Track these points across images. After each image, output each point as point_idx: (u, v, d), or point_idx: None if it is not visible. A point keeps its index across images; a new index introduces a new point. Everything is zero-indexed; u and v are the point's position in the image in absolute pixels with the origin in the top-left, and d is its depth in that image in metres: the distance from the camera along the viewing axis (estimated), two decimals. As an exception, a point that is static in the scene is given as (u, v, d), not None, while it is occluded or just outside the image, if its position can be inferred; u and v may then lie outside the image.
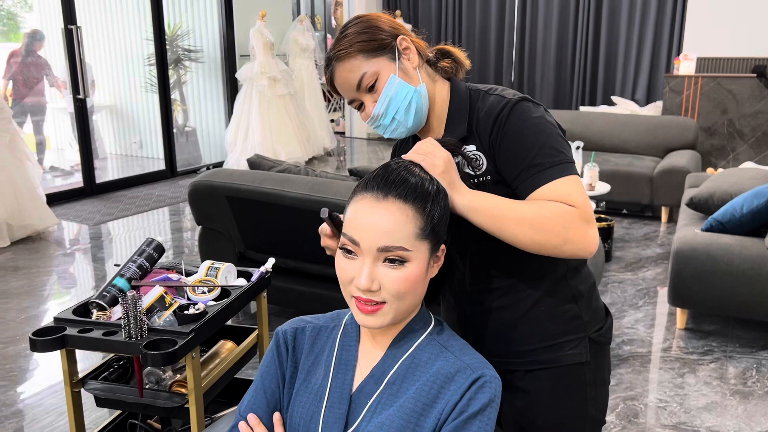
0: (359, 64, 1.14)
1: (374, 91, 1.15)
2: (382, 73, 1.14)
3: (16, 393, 2.65)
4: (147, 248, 1.83)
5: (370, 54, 1.14)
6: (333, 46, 1.17)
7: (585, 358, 1.19)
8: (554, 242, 1.05)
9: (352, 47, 1.14)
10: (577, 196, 1.06)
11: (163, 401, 1.66)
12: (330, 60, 1.17)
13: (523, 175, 1.09)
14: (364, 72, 1.14)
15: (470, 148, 1.15)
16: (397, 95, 1.14)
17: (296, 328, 1.10)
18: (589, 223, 1.06)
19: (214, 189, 2.93)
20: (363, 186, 0.99)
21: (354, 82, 1.15)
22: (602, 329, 1.23)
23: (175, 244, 4.57)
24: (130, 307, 1.53)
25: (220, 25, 7.05)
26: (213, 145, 7.49)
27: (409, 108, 1.15)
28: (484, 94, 1.17)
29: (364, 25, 1.16)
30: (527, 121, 1.10)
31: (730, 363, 2.85)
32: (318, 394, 1.04)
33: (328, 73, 1.18)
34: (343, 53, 1.14)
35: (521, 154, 1.09)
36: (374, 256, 0.94)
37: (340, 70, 1.15)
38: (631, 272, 3.94)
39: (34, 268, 4.06)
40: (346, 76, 1.15)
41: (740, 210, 2.95)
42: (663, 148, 5.39)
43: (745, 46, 6.13)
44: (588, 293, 1.22)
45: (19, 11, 7.97)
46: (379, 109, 1.15)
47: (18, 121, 6.48)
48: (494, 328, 1.21)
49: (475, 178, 1.14)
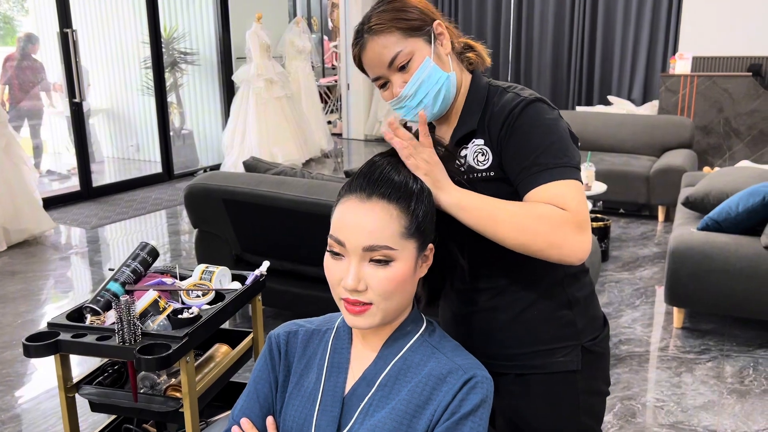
0: (395, 41, 1.11)
1: (405, 71, 1.13)
2: (417, 54, 1.12)
3: (13, 398, 2.64)
4: (141, 252, 1.83)
5: (408, 33, 1.12)
6: (367, 20, 1.14)
7: (577, 366, 1.17)
8: (539, 245, 1.03)
9: (390, 23, 1.11)
10: (572, 200, 1.04)
11: (157, 406, 1.65)
12: (361, 33, 1.14)
13: (524, 173, 1.07)
14: (399, 50, 1.11)
15: (478, 143, 1.14)
16: (430, 79, 1.13)
17: (288, 332, 1.10)
18: (581, 229, 1.03)
19: (210, 192, 2.92)
20: (348, 187, 0.99)
21: (387, 59, 1.12)
22: (597, 338, 1.20)
23: (172, 247, 4.56)
24: (124, 311, 1.53)
25: (217, 27, 7.05)
26: (210, 147, 7.49)
27: (439, 94, 1.14)
28: (501, 90, 1.16)
29: (402, 3, 1.13)
30: (538, 121, 1.09)
31: (727, 362, 2.85)
32: (311, 397, 1.04)
33: (357, 48, 1.15)
34: (380, 28, 1.11)
35: (526, 152, 1.07)
36: (360, 256, 0.95)
37: (373, 44, 1.12)
38: (628, 272, 3.94)
39: (30, 273, 4.05)
40: (379, 51, 1.12)
41: (736, 209, 2.96)
42: (659, 147, 5.39)
43: (741, 45, 6.14)
44: (585, 301, 1.20)
45: (15, 15, 7.97)
46: (409, 90, 1.13)
47: (15, 125, 6.48)
48: (487, 329, 1.20)
49: (477, 173, 1.13)
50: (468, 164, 1.14)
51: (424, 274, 1.03)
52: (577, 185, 1.06)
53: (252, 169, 3.14)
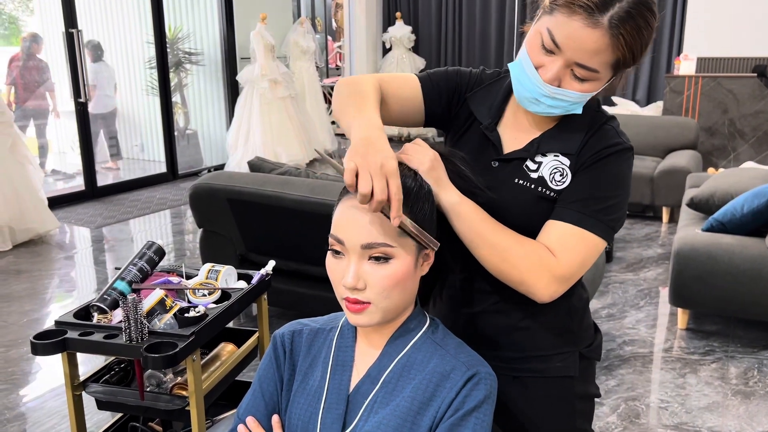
0: (607, 55, 0.98)
1: (580, 79, 1.01)
2: (601, 80, 1.02)
3: (18, 396, 2.66)
4: (147, 251, 1.83)
5: (619, 57, 0.99)
6: (616, 6, 0.96)
7: (575, 372, 1.17)
8: (513, 277, 1.04)
9: (628, 35, 0.96)
10: (572, 253, 1.03)
11: (164, 404, 1.66)
12: (597, 8, 0.95)
13: (568, 204, 1.05)
14: (598, 64, 0.99)
15: (564, 161, 1.09)
16: (577, 104, 1.05)
17: (293, 331, 1.11)
18: (556, 281, 1.03)
19: (215, 192, 2.93)
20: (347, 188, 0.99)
21: (583, 58, 0.98)
22: (592, 345, 1.22)
23: (177, 246, 4.57)
24: (131, 310, 1.54)
25: (221, 27, 7.07)
26: (214, 147, 7.50)
27: (562, 109, 1.06)
28: (607, 119, 1.11)
29: (652, 24, 0.99)
30: (619, 172, 1.07)
31: (732, 363, 2.85)
32: (316, 395, 1.04)
33: (566, 16, 0.97)
34: (615, 31, 0.96)
35: (587, 189, 1.05)
36: (359, 253, 0.95)
37: (592, 33, 0.96)
38: (632, 272, 3.94)
39: (35, 272, 4.07)
40: (591, 45, 0.97)
41: (741, 210, 2.95)
42: (664, 148, 5.39)
43: (745, 46, 6.13)
44: (582, 310, 1.21)
45: (20, 15, 8.00)
46: (571, 98, 1.02)
47: (20, 125, 6.51)
48: (487, 333, 1.19)
49: (547, 189, 1.09)
50: (540, 176, 1.10)
51: (425, 273, 1.04)
52: (595, 245, 1.05)
53: (256, 169, 3.15)
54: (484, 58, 8.30)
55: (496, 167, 1.13)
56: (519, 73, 1.06)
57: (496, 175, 1.12)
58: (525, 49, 1.04)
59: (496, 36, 8.20)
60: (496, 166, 1.13)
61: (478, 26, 8.27)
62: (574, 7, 0.96)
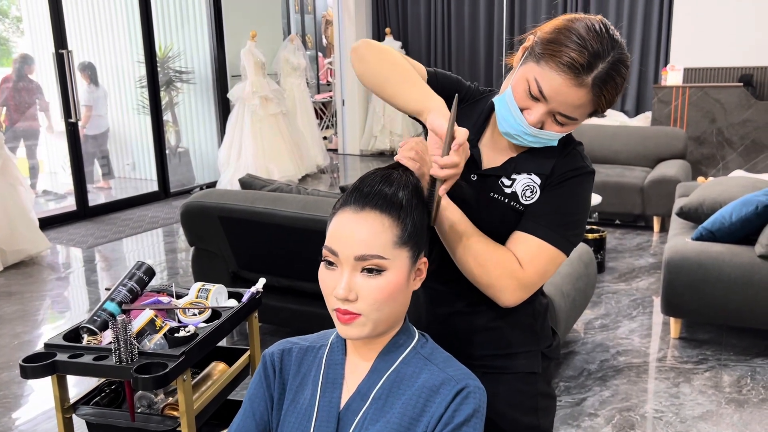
0: (586, 107, 1.09)
1: (560, 124, 1.11)
2: (578, 123, 1.12)
3: (10, 419, 2.63)
4: (137, 272, 1.83)
5: (596, 108, 1.11)
6: (599, 65, 1.05)
7: (538, 369, 1.26)
8: (483, 281, 1.13)
9: (609, 94, 1.07)
10: (537, 265, 1.13)
11: (155, 425, 1.65)
12: (581, 67, 1.04)
13: (536, 217, 1.15)
14: (579, 115, 1.10)
15: (535, 180, 1.17)
16: (561, 136, 1.14)
17: (283, 350, 1.11)
18: (521, 288, 1.13)
19: (206, 209, 2.93)
20: (342, 201, 1.01)
21: (565, 109, 1.08)
22: (551, 346, 1.31)
23: (169, 265, 4.56)
24: (121, 331, 1.53)
25: (211, 45, 7.10)
26: (206, 165, 7.50)
27: (541, 143, 1.15)
28: (575, 144, 1.20)
29: (624, 80, 1.09)
30: (582, 193, 1.18)
31: (725, 371, 2.85)
32: (306, 413, 1.04)
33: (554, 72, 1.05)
34: (597, 91, 1.06)
35: (553, 206, 1.15)
36: (352, 265, 0.96)
37: (575, 90, 1.05)
38: (624, 282, 3.95)
39: (27, 293, 4.05)
40: (571, 100, 1.06)
41: (729, 218, 2.97)
42: (653, 158, 5.43)
43: (732, 56, 6.20)
44: (543, 314, 1.30)
45: (11, 36, 8.02)
46: (550, 138, 1.12)
47: (11, 146, 6.50)
48: (460, 332, 1.24)
49: (517, 203, 1.17)
50: (513, 191, 1.18)
51: (417, 288, 1.04)
52: (556, 257, 1.15)
53: (248, 186, 3.15)
54: (473, 72, 8.36)
55: (475, 180, 1.20)
56: (504, 111, 1.13)
57: (473, 188, 1.20)
58: (510, 91, 1.12)
59: (485, 51, 8.26)
60: (475, 179, 1.20)
61: (467, 42, 8.34)
62: (563, 66, 1.05)
